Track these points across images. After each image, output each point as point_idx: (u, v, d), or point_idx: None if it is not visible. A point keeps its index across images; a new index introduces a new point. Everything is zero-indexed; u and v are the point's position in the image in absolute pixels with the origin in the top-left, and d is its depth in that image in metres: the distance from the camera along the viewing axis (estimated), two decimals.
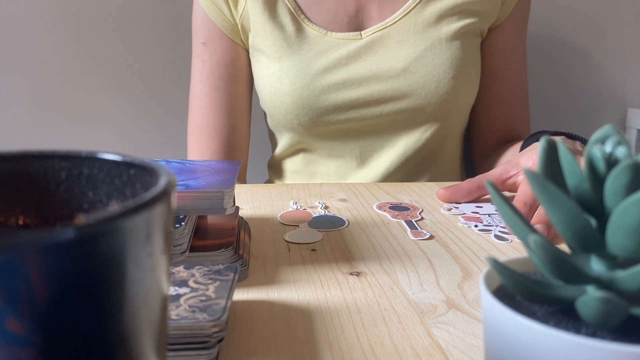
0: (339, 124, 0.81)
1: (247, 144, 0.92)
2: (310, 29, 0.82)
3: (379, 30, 0.82)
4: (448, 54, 0.80)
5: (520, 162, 0.62)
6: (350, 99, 0.80)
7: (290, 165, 0.90)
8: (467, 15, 0.82)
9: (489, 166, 0.88)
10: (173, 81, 1.21)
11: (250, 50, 0.86)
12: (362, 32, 0.82)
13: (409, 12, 0.81)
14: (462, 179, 0.94)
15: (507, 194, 0.65)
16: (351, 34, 0.82)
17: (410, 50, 0.80)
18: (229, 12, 0.84)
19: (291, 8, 0.82)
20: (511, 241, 0.51)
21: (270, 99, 0.83)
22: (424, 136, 0.83)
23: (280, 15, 0.82)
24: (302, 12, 0.83)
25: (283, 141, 0.88)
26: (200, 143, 0.89)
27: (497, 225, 0.55)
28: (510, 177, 0.62)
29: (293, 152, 0.88)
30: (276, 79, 0.81)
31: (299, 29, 0.82)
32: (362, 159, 0.85)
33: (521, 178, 0.61)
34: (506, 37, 0.87)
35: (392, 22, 0.81)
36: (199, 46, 0.88)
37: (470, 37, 0.83)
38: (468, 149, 0.97)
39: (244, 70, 0.88)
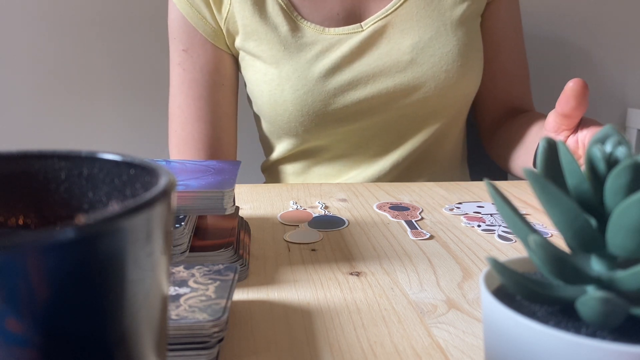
0: (347, 126, 0.78)
1: (234, 153, 0.88)
2: (307, 27, 0.77)
3: (380, 20, 0.78)
4: (454, 41, 0.77)
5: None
6: (358, 100, 0.76)
7: (290, 168, 0.86)
8: None
9: (499, 140, 0.86)
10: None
11: (240, 55, 0.81)
12: (362, 23, 0.78)
13: None
14: (463, 165, 0.93)
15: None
16: (351, 27, 0.77)
17: (415, 39, 0.77)
18: (211, 16, 0.79)
19: (283, 5, 0.77)
20: (515, 241, 0.51)
21: (270, 106, 0.78)
22: (433, 127, 0.81)
23: (272, 15, 0.77)
24: (296, 9, 0.78)
25: (282, 146, 0.84)
26: (184, 156, 0.84)
27: (500, 225, 0.55)
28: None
29: (293, 155, 0.85)
30: (276, 85, 0.76)
31: (294, 28, 0.77)
32: (368, 156, 0.82)
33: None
34: (504, 8, 0.86)
35: (393, 9, 0.78)
36: (178, 53, 0.82)
37: (473, 20, 0.81)
38: (469, 131, 0.97)
39: (228, 76, 0.83)
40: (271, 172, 0.90)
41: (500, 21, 0.86)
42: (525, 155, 0.77)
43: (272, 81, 0.77)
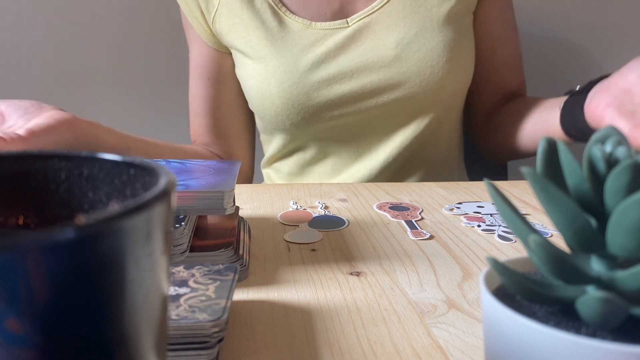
0: (333, 120, 0.79)
1: (244, 147, 0.90)
2: (293, 22, 0.79)
3: (366, 16, 0.79)
4: (440, 37, 0.77)
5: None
6: (342, 94, 0.77)
7: (285, 167, 0.87)
8: None
9: (494, 125, 0.86)
10: (173, 81, 1.21)
11: (233, 53, 0.84)
12: (348, 19, 0.79)
13: None
14: (460, 165, 0.93)
15: None
16: (337, 22, 0.79)
17: (400, 35, 0.77)
18: (201, 15, 0.82)
19: (271, 2, 0.79)
20: (515, 241, 0.51)
21: (258, 101, 0.80)
22: (422, 124, 0.81)
23: (260, 11, 0.79)
24: (284, 5, 0.80)
25: (275, 143, 0.85)
26: (193, 127, 0.89)
27: (500, 225, 0.55)
28: None
29: (286, 153, 0.86)
30: (262, 80, 0.78)
31: (281, 22, 0.79)
32: (359, 154, 0.83)
33: None
34: (499, 3, 0.86)
35: (379, 6, 0.79)
36: (189, 46, 0.89)
37: (462, 16, 0.81)
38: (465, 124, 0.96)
39: (225, 73, 0.86)
40: (268, 172, 0.92)
41: (496, 16, 0.86)
42: (541, 119, 0.76)
43: (259, 75, 0.79)
